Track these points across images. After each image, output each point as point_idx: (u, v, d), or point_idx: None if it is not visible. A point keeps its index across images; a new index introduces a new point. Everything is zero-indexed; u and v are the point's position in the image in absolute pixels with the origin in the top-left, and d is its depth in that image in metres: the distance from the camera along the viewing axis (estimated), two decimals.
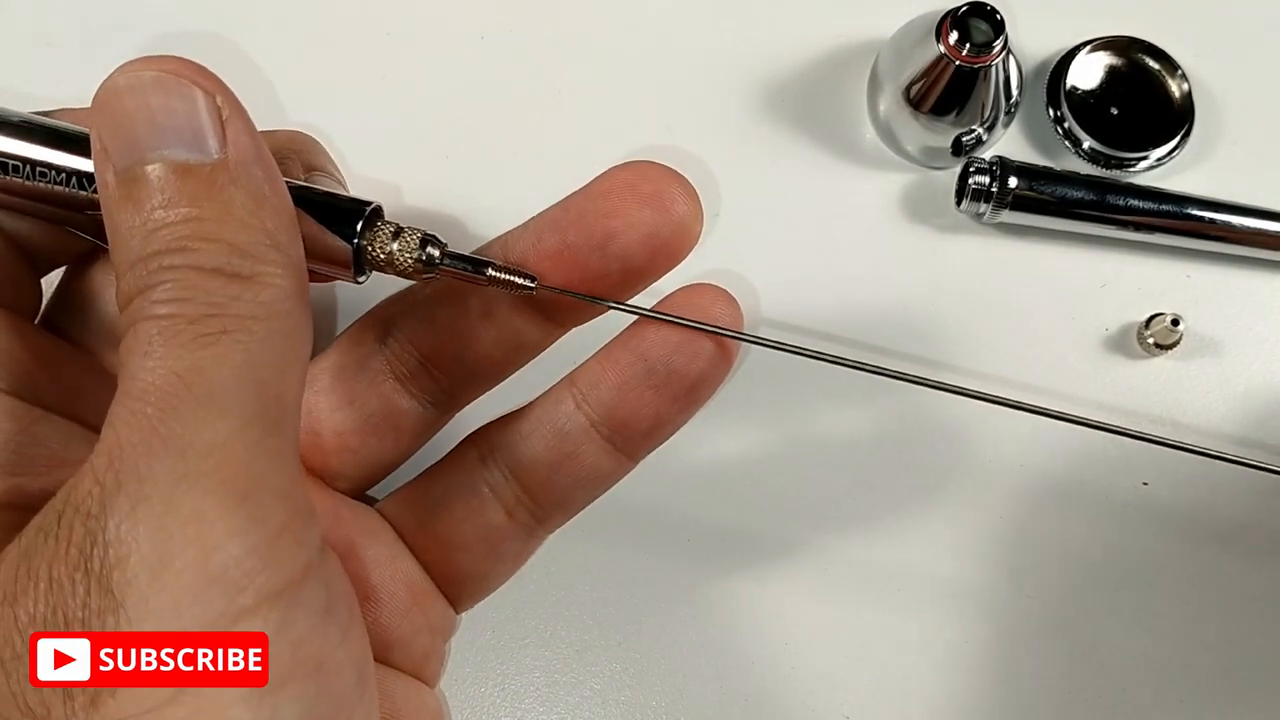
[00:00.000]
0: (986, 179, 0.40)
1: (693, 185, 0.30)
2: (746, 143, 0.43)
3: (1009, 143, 0.43)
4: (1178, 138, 0.43)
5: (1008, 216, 0.41)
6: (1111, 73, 0.43)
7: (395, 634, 0.32)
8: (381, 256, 0.28)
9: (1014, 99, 0.41)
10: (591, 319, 0.32)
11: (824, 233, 0.42)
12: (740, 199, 0.42)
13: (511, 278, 0.29)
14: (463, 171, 0.43)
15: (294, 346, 0.25)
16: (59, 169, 0.27)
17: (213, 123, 0.24)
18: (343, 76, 0.43)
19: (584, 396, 0.31)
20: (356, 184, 0.42)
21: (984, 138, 0.41)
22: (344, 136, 0.43)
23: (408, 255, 0.28)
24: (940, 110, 0.40)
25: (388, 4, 0.45)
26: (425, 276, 0.29)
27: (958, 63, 0.38)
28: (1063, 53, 0.44)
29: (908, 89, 0.40)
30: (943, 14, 0.39)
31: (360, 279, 0.29)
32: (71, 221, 0.28)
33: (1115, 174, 0.43)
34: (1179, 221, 0.41)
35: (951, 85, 0.39)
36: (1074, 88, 0.43)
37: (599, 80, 0.44)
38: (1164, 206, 0.41)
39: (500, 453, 0.32)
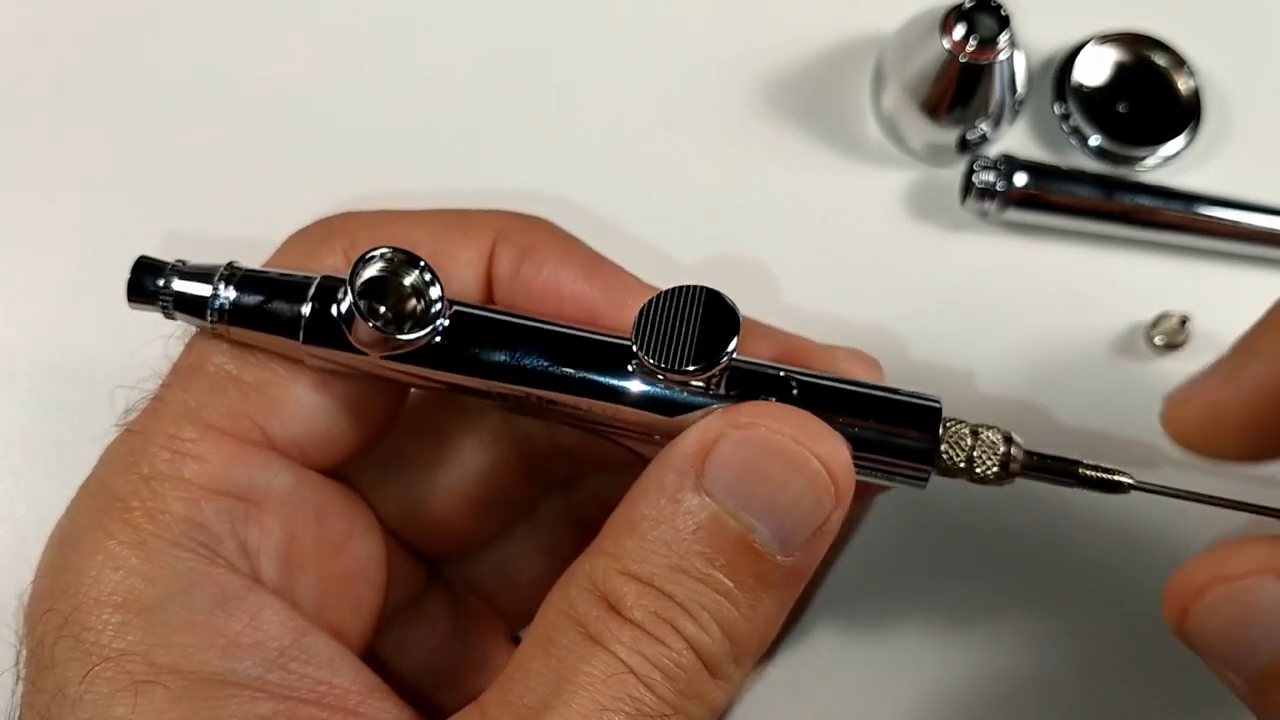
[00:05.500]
0: (992, 176, 0.40)
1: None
2: (748, 140, 0.43)
3: (1014, 139, 0.43)
4: (1185, 134, 0.42)
5: (1013, 214, 0.41)
6: (1118, 68, 0.43)
7: None
8: (960, 461, 0.26)
9: (1019, 95, 0.41)
10: None
11: (827, 230, 0.42)
12: (742, 197, 0.42)
13: (1106, 476, 0.27)
14: (463, 170, 0.42)
15: None
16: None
17: (810, 530, 0.24)
18: (338, 75, 0.43)
19: None
20: (356, 184, 0.42)
21: (989, 134, 0.41)
22: (343, 138, 0.42)
23: (990, 460, 0.26)
24: (945, 107, 0.40)
25: (388, 1, 0.44)
26: (1004, 482, 0.26)
27: (963, 58, 0.38)
28: (1069, 48, 0.43)
29: (912, 85, 0.40)
30: (947, 9, 0.38)
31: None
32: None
33: (1122, 171, 0.42)
34: (1187, 219, 0.41)
35: (956, 81, 0.39)
36: (1080, 84, 0.43)
37: (599, 77, 0.43)
38: (1171, 204, 0.41)
39: None
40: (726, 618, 0.23)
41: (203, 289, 0.26)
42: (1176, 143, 0.42)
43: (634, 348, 0.24)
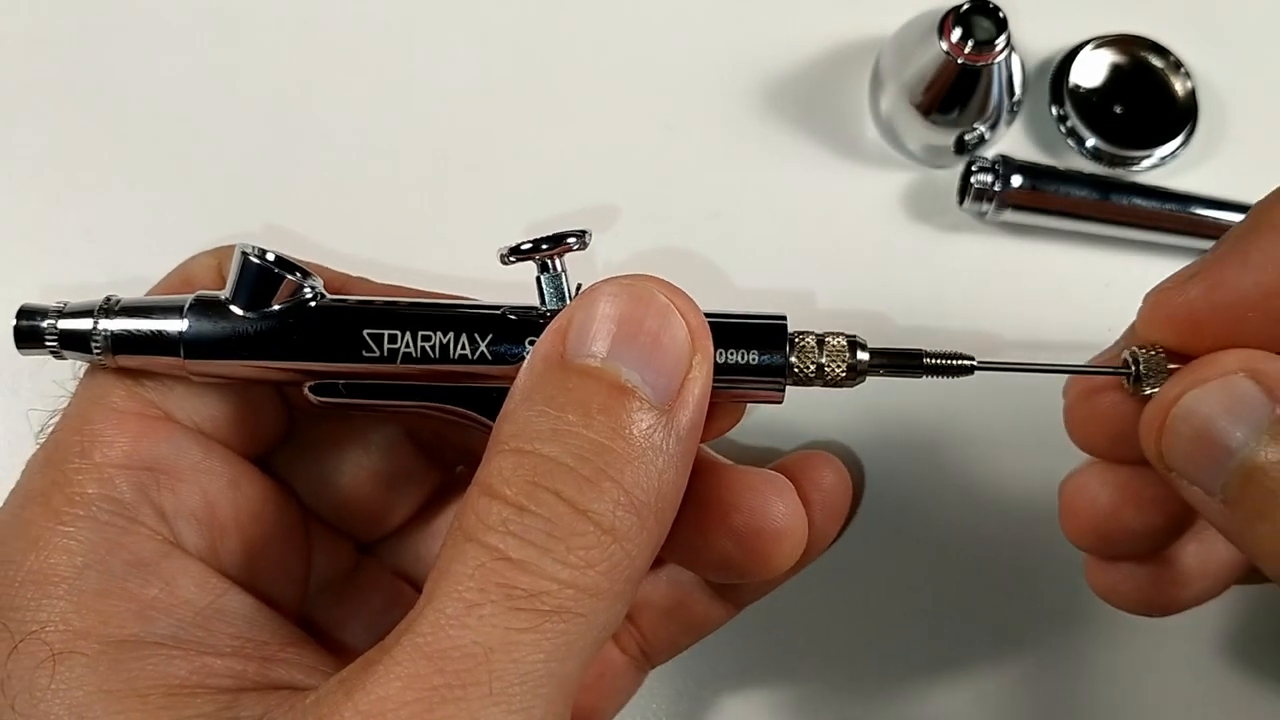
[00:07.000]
0: (989, 178, 0.40)
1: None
2: (747, 141, 0.43)
3: (1012, 141, 0.43)
4: (1181, 136, 0.43)
5: (1010, 216, 0.41)
6: (1115, 70, 0.43)
7: None
8: (810, 371, 0.27)
9: (1017, 97, 0.41)
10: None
11: (825, 232, 0.42)
12: (740, 198, 0.42)
13: (949, 362, 0.28)
14: (463, 169, 0.42)
15: (610, 632, 0.23)
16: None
17: (679, 376, 0.23)
18: (339, 75, 0.43)
19: None
20: (359, 182, 0.42)
21: (986, 136, 0.41)
22: (344, 139, 0.43)
23: (838, 364, 0.27)
24: (943, 108, 0.40)
25: (389, 2, 0.44)
26: (855, 383, 0.27)
27: (960, 60, 0.38)
28: (1065, 50, 0.44)
29: (910, 87, 0.40)
30: (945, 11, 0.38)
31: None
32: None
33: (1119, 172, 0.42)
34: (1183, 221, 0.41)
35: (954, 83, 0.39)
36: (1077, 86, 0.43)
37: (598, 79, 0.44)
38: (1168, 205, 0.41)
39: None
40: (613, 464, 0.22)
41: (84, 324, 0.27)
42: (1172, 144, 0.42)
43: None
